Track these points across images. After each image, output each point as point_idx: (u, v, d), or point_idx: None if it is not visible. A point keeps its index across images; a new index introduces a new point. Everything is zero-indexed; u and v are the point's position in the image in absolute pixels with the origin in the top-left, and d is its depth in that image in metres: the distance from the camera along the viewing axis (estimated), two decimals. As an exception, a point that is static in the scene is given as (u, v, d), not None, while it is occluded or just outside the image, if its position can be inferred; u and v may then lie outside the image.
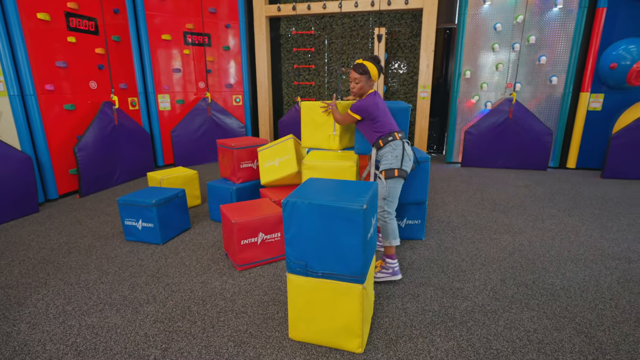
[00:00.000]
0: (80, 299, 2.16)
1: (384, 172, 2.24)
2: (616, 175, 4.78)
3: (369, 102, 2.29)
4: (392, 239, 2.25)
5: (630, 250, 2.73)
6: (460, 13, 5.29)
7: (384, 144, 2.28)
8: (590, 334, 1.83)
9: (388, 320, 1.94)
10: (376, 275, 2.26)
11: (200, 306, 2.07)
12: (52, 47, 3.88)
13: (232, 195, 3.19)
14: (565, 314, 1.99)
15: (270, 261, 2.57)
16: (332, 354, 1.70)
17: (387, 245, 2.26)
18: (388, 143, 2.27)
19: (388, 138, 2.28)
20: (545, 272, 2.44)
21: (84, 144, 4.06)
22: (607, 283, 2.30)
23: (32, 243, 2.93)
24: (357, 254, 1.57)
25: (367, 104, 2.29)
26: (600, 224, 3.24)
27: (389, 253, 2.27)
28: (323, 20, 6.27)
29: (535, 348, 1.73)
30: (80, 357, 1.69)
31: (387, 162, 2.24)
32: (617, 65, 4.61)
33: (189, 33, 5.46)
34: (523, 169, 5.31)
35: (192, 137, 5.57)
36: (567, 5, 4.90)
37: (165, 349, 1.74)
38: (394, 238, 2.25)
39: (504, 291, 2.21)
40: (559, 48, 5.07)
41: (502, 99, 5.34)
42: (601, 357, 1.67)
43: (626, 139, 4.62)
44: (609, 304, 2.08)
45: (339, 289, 1.64)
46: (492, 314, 1.99)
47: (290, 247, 1.66)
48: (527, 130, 5.13)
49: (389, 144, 2.27)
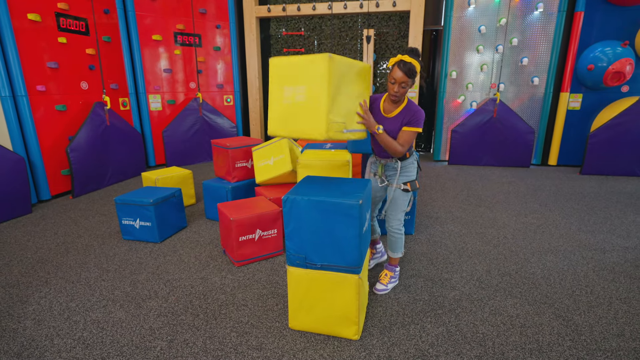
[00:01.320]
0: (83, 295, 2.21)
1: (409, 184, 2.12)
2: (594, 172, 5.02)
3: (422, 113, 2.01)
4: (403, 250, 2.27)
5: (605, 242, 2.92)
6: (446, 15, 5.45)
7: (410, 155, 2.15)
8: (567, 317, 1.99)
9: (382, 310, 2.06)
10: (387, 286, 2.24)
11: (201, 300, 2.15)
12: (42, 48, 3.88)
13: (228, 194, 3.27)
14: (545, 300, 2.14)
15: (267, 257, 2.66)
16: (330, 341, 1.81)
17: (398, 256, 2.26)
18: (412, 154, 2.17)
19: (411, 149, 2.19)
20: (527, 262, 2.59)
21: (77, 144, 4.06)
22: (583, 272, 2.47)
23: (29, 243, 2.95)
24: (354, 246, 1.68)
25: (422, 114, 2.00)
26: (578, 218, 3.43)
27: (395, 263, 2.29)
28: (312, 21, 6.36)
29: (517, 331, 1.87)
30: (88, 350, 1.76)
31: (411, 174, 2.14)
32: (594, 66, 4.83)
33: (180, 33, 5.48)
34: (507, 166, 5.51)
35: (183, 137, 5.60)
36: (547, 9, 5.11)
37: (170, 340, 1.82)
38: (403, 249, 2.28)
39: (489, 281, 2.36)
40: (540, 50, 5.28)
41: (486, 98, 5.53)
42: (577, 338, 1.83)
43: (603, 137, 4.86)
44: (585, 290, 2.24)
45: (336, 279, 1.75)
46: (478, 302, 2.13)
47: (290, 241, 1.76)
48: (510, 129, 5.33)
49: (412, 155, 2.17)
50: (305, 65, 1.63)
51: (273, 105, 1.74)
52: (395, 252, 2.25)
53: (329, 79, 1.59)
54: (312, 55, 1.62)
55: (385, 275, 2.28)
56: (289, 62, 1.69)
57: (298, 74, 1.65)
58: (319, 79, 1.60)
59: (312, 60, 1.62)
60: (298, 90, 1.64)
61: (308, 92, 1.62)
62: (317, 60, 1.60)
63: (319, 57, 1.60)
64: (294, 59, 1.67)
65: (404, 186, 2.12)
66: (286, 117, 1.70)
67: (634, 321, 1.95)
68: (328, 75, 1.59)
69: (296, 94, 1.64)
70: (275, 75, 1.72)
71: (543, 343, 1.79)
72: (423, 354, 1.72)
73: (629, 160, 4.88)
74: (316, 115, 1.62)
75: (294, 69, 1.66)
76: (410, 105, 2.01)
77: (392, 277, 2.27)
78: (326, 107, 1.60)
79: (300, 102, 1.64)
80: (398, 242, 2.23)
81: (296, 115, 1.67)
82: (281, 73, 1.70)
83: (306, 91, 1.62)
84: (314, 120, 1.63)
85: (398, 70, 1.86)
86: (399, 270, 2.33)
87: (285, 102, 1.68)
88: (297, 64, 1.66)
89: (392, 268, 2.29)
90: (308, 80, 1.62)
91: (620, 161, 4.90)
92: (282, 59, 1.71)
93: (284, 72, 1.69)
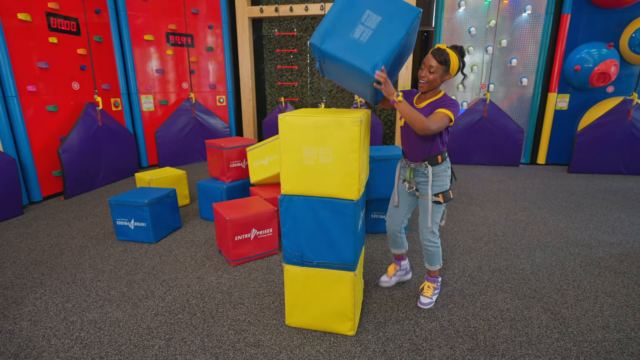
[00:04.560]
0: (79, 296, 2.21)
1: (442, 195, 1.91)
2: (581, 170, 5.14)
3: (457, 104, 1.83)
4: (441, 260, 2.10)
5: (592, 238, 3.01)
6: (437, 16, 5.53)
7: (442, 160, 1.92)
8: (555, 311, 2.05)
9: (377, 306, 2.10)
10: (431, 298, 2.10)
11: (198, 299, 2.17)
12: (33, 48, 3.84)
13: (223, 194, 3.28)
14: (534, 295, 2.21)
15: (262, 256, 2.68)
16: (327, 336, 1.84)
17: (436, 268, 2.10)
18: (445, 160, 1.94)
19: (445, 154, 1.94)
20: (517, 258, 2.66)
21: (68, 145, 4.03)
22: (570, 267, 2.54)
23: (22, 245, 2.93)
24: (349, 243, 1.72)
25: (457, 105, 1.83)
26: (566, 215, 3.52)
27: (435, 275, 2.14)
28: (305, 21, 6.39)
29: (507, 325, 1.93)
30: (86, 349, 1.77)
31: (443, 184, 1.92)
32: (580, 67, 4.96)
33: (172, 34, 5.46)
34: (497, 165, 5.62)
35: (176, 137, 5.58)
36: (535, 11, 5.22)
37: (168, 339, 1.84)
38: (441, 259, 2.11)
39: (480, 277, 2.42)
40: (528, 51, 5.39)
41: (477, 99, 5.62)
42: (564, 330, 1.89)
43: (590, 136, 4.98)
44: (572, 285, 2.32)
45: (332, 276, 1.79)
46: (469, 297, 2.18)
47: (287, 240, 1.79)
48: (500, 129, 5.43)
49: (445, 161, 1.94)
50: (331, 127, 1.58)
51: (289, 165, 1.67)
52: (432, 265, 2.08)
53: (360, 143, 1.59)
54: (339, 117, 1.56)
55: (427, 287, 2.14)
56: (308, 122, 1.60)
57: (322, 135, 1.59)
58: (349, 143, 1.57)
59: (340, 123, 1.56)
60: (324, 152, 1.61)
61: (336, 154, 1.60)
62: (347, 125, 1.55)
63: (349, 120, 1.55)
64: (316, 120, 1.59)
65: (436, 197, 1.91)
66: (308, 178, 1.67)
67: (618, 313, 2.03)
68: (359, 139, 1.57)
69: (321, 156, 1.62)
70: (289, 134, 1.63)
71: (532, 335, 1.85)
72: (417, 348, 1.77)
73: (615, 158, 5.01)
74: (348, 177, 1.62)
75: (317, 131, 1.59)
76: (444, 97, 1.86)
77: (435, 289, 2.14)
78: (358, 169, 1.61)
79: (326, 163, 1.63)
80: (435, 255, 2.05)
81: (321, 177, 1.65)
82: (298, 133, 1.62)
83: (334, 153, 1.60)
84: (345, 181, 1.63)
85: (430, 55, 1.80)
86: (440, 280, 2.18)
87: (306, 162, 1.64)
88: (321, 126, 1.58)
89: (433, 279, 2.13)
90: (335, 142, 1.59)
91: (606, 160, 5.03)
92: (299, 119, 1.61)
93: (303, 133, 1.61)
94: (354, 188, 1.64)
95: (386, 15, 1.57)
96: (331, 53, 1.57)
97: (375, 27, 1.56)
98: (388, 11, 1.57)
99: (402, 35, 1.55)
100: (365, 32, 1.57)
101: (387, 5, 1.57)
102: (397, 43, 1.55)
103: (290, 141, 1.64)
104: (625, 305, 2.11)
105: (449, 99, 1.83)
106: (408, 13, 1.56)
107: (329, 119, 1.58)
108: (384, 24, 1.56)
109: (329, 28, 1.58)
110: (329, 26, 1.58)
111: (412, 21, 1.56)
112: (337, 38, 1.57)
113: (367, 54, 1.56)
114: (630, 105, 4.75)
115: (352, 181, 1.63)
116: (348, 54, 1.56)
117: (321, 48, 1.58)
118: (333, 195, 1.67)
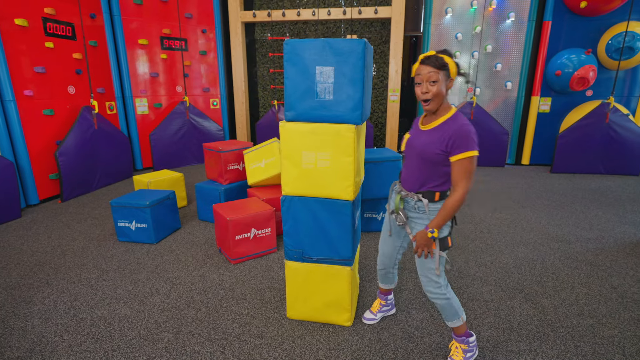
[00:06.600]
0: (86, 295, 2.30)
1: (438, 242, 1.56)
2: (563, 170, 5.38)
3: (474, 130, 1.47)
4: (461, 313, 1.67)
5: (571, 234, 3.21)
6: (425, 22, 5.73)
7: (440, 199, 1.57)
8: (535, 300, 2.22)
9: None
10: None
11: (202, 296, 2.28)
12: (30, 53, 3.89)
13: (221, 196, 3.39)
14: (516, 287, 2.38)
15: (261, 254, 2.80)
16: (326, 327, 1.98)
17: (459, 324, 1.66)
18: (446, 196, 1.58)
19: (447, 192, 1.59)
20: (501, 254, 2.84)
21: (65, 148, 4.09)
22: (550, 261, 2.73)
23: (23, 247, 2.99)
24: (347, 241, 1.85)
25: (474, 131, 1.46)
26: (547, 213, 3.72)
27: (461, 332, 1.69)
28: (297, 26, 6.52)
29: (492, 314, 2.09)
30: (98, 343, 1.86)
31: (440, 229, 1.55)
32: (561, 72, 5.20)
33: (166, 38, 5.54)
34: (483, 165, 5.83)
35: (170, 140, 5.65)
36: (518, 18, 5.45)
37: (176, 332, 1.94)
38: (462, 312, 1.67)
39: (467, 271, 2.58)
40: (512, 56, 5.62)
41: (464, 102, 5.83)
42: (543, 318, 2.06)
43: (571, 138, 5.22)
44: (552, 277, 2.49)
45: (330, 271, 1.92)
46: (457, 290, 2.34)
47: (288, 237, 1.92)
48: (486, 131, 5.64)
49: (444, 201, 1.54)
50: (328, 134, 1.71)
51: (289, 168, 1.80)
52: (451, 321, 1.66)
53: (355, 147, 1.72)
54: (335, 125, 1.70)
55: (455, 348, 1.71)
56: (307, 129, 1.73)
57: (320, 141, 1.73)
58: (345, 149, 1.71)
59: (336, 130, 1.69)
60: (321, 157, 1.75)
61: (333, 158, 1.74)
62: (343, 132, 1.68)
63: (344, 128, 1.68)
64: (314, 128, 1.72)
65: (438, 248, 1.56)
66: (307, 180, 1.80)
67: (592, 302, 2.21)
68: (354, 144, 1.71)
69: (319, 160, 1.76)
70: (290, 140, 1.77)
71: (514, 323, 2.01)
72: (409, 336, 1.92)
73: (594, 159, 5.26)
74: (343, 179, 1.76)
75: (315, 137, 1.73)
76: (456, 118, 1.49)
77: (466, 352, 1.70)
78: (353, 172, 1.75)
79: (324, 167, 1.76)
80: (446, 309, 1.64)
81: (319, 179, 1.78)
82: (298, 139, 1.75)
83: (331, 157, 1.74)
84: (340, 183, 1.76)
85: (422, 65, 1.48)
86: (474, 340, 1.73)
87: (305, 166, 1.78)
88: (319, 133, 1.72)
89: (461, 339, 1.70)
90: (333, 147, 1.72)
91: (586, 160, 5.28)
92: (299, 126, 1.74)
93: (302, 139, 1.75)
94: (349, 189, 1.78)
95: (336, 62, 1.63)
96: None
97: (332, 80, 1.65)
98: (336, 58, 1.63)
99: (361, 74, 1.63)
100: (326, 88, 1.66)
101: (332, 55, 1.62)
102: (361, 80, 1.64)
103: (290, 146, 1.78)
104: (598, 294, 2.29)
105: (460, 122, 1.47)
106: (355, 49, 1.60)
107: (326, 126, 1.72)
108: (339, 71, 1.63)
109: (292, 102, 1.72)
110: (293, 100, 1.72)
111: (363, 54, 1.60)
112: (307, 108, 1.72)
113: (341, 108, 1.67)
114: (607, 108, 5.01)
115: (347, 183, 1.77)
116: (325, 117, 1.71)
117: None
118: (330, 196, 1.81)
